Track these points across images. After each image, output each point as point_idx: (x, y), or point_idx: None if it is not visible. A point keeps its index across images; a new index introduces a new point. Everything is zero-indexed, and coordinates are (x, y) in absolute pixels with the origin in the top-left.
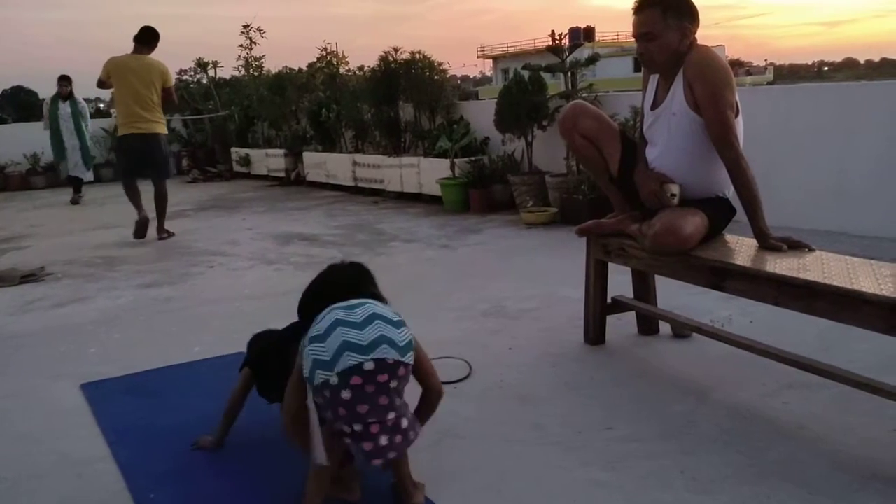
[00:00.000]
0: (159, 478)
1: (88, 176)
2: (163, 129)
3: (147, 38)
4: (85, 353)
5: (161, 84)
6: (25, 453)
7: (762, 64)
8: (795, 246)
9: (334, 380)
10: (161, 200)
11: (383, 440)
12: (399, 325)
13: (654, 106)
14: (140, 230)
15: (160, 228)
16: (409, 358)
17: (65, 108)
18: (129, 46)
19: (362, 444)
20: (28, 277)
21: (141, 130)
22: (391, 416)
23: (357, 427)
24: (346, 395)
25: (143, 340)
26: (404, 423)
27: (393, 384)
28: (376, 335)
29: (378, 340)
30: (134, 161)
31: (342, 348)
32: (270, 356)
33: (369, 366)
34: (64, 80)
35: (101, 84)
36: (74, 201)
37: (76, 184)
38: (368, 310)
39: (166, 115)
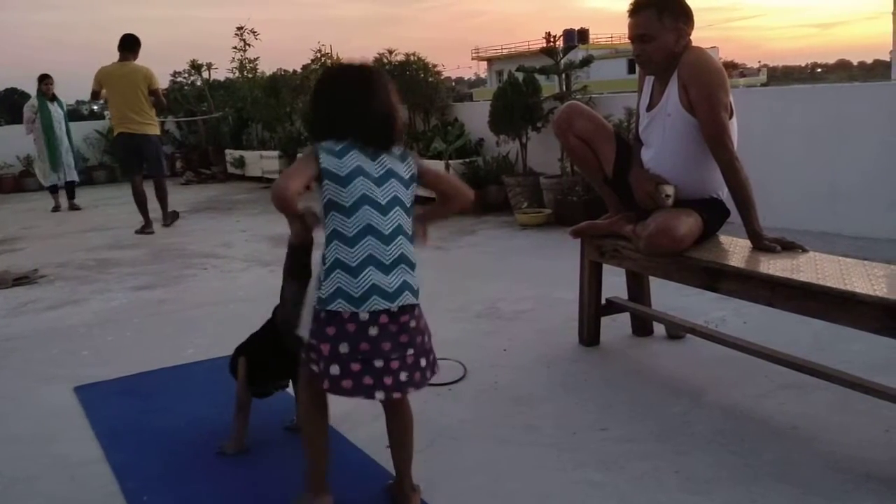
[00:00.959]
0: (153, 480)
1: (74, 175)
2: (154, 131)
3: (130, 45)
4: (78, 356)
5: (146, 87)
6: (18, 455)
7: (756, 65)
8: (789, 247)
9: (364, 315)
10: (161, 192)
11: (403, 376)
12: (415, 266)
13: (650, 107)
14: (144, 232)
15: (164, 216)
16: (419, 298)
17: (56, 110)
18: None
19: (383, 378)
20: (21, 280)
21: (132, 131)
22: (410, 352)
23: (378, 363)
24: (373, 331)
25: (137, 343)
26: (423, 362)
27: (412, 324)
28: (400, 282)
29: (401, 287)
30: (131, 156)
31: (371, 291)
32: (262, 346)
33: (394, 308)
34: (48, 79)
35: (95, 94)
36: (55, 206)
37: (70, 189)
38: (398, 249)
39: (160, 118)
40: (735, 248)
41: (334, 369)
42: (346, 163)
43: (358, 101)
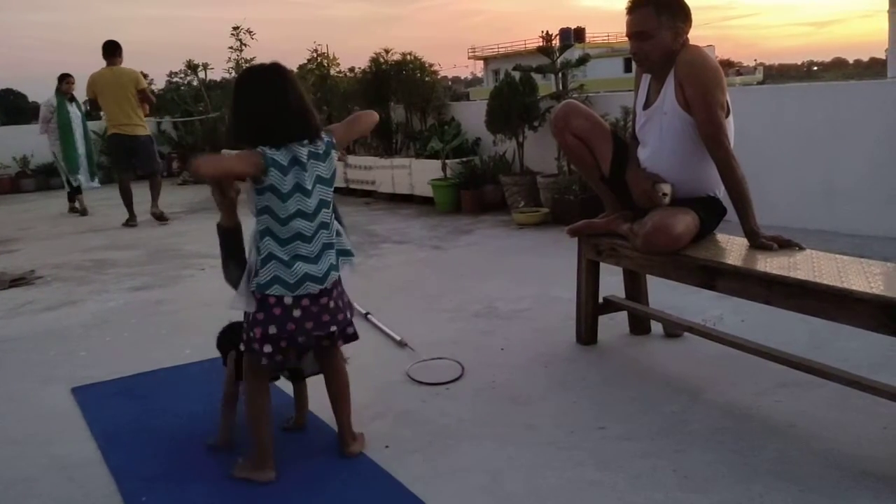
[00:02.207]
0: (151, 481)
1: (94, 184)
2: (143, 131)
3: (112, 50)
4: (75, 357)
5: (134, 88)
6: (16, 457)
7: (752, 64)
8: (786, 245)
9: (288, 300)
10: (154, 187)
11: (325, 343)
12: (334, 243)
13: (647, 106)
14: (128, 224)
15: (153, 205)
16: (341, 268)
17: (74, 111)
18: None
19: (290, 353)
20: (18, 281)
21: (125, 132)
22: (333, 328)
23: (302, 339)
24: (297, 313)
25: (134, 343)
26: (349, 330)
27: (331, 304)
28: (327, 266)
29: (329, 270)
30: (123, 155)
31: (304, 279)
32: None
33: (315, 292)
34: (69, 78)
35: (93, 101)
36: (80, 210)
37: (76, 192)
38: (320, 241)
39: (156, 117)
40: (732, 247)
41: (267, 348)
42: (289, 180)
43: (283, 97)
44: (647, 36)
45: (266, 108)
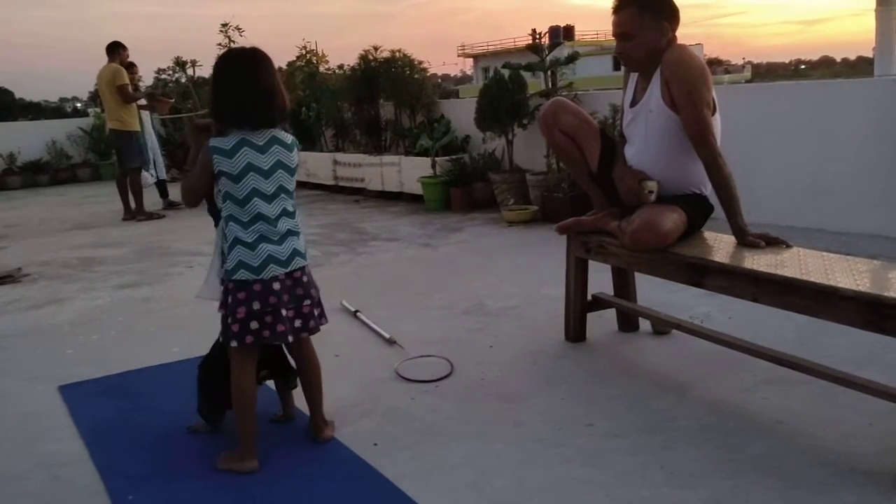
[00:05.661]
0: (137, 479)
1: (163, 176)
2: (120, 126)
3: (109, 48)
4: (62, 355)
5: (113, 84)
6: (2, 455)
7: (740, 62)
8: (773, 242)
9: (268, 275)
10: (132, 185)
11: (298, 323)
12: (300, 234)
13: (633, 104)
14: (124, 219)
15: (125, 210)
16: (308, 258)
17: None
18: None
19: (277, 325)
20: (4, 279)
21: (110, 126)
22: (306, 303)
23: (284, 312)
24: (276, 286)
25: (121, 341)
26: (316, 311)
27: (304, 279)
28: (290, 250)
29: (293, 254)
30: (113, 151)
31: (267, 261)
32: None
33: (281, 275)
34: (133, 67)
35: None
36: (173, 205)
37: (162, 188)
38: (284, 226)
39: (154, 113)
40: (719, 244)
41: (254, 325)
42: (238, 161)
43: (245, 80)
44: (630, 36)
45: (238, 91)
